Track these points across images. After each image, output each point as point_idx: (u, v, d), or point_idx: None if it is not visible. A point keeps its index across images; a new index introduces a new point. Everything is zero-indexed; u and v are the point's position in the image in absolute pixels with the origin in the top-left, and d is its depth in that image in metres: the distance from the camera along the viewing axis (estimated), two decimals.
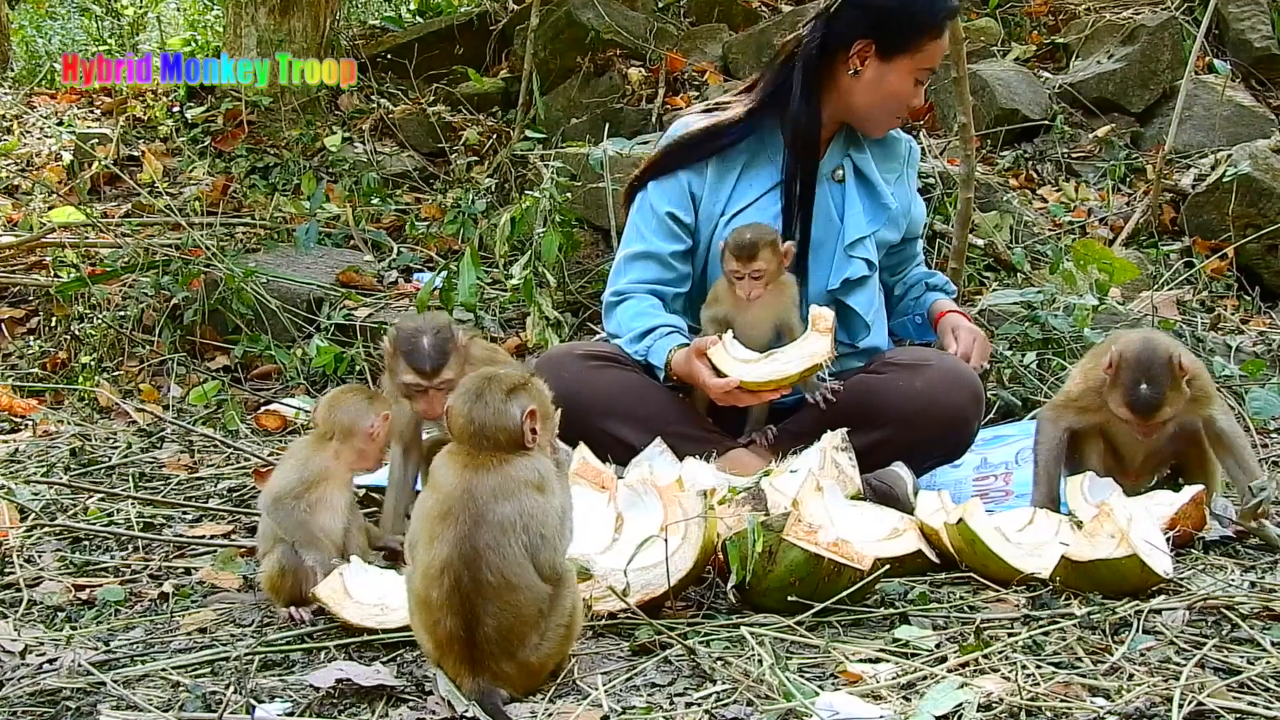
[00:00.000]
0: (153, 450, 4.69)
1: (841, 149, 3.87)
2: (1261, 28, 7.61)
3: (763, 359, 3.51)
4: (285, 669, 2.59)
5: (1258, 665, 2.40)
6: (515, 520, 2.31)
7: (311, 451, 3.07)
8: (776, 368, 3.47)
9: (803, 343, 3.51)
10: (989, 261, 5.78)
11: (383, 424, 3.10)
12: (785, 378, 3.45)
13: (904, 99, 3.77)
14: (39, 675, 2.55)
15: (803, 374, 3.46)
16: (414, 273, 6.27)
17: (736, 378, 3.45)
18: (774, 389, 3.48)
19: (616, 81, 7.48)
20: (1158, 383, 3.32)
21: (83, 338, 5.75)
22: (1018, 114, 7.04)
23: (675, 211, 3.80)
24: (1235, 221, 6.23)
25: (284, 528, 2.95)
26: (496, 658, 2.29)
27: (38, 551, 3.52)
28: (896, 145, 3.97)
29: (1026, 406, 4.58)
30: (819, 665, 2.48)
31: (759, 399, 3.55)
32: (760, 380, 3.45)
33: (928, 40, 3.70)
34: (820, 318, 3.51)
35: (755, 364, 3.49)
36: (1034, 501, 3.50)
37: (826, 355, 3.44)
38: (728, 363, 3.49)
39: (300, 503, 2.96)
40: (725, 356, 3.50)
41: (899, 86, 3.74)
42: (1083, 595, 2.80)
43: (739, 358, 3.50)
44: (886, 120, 3.84)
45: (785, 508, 2.95)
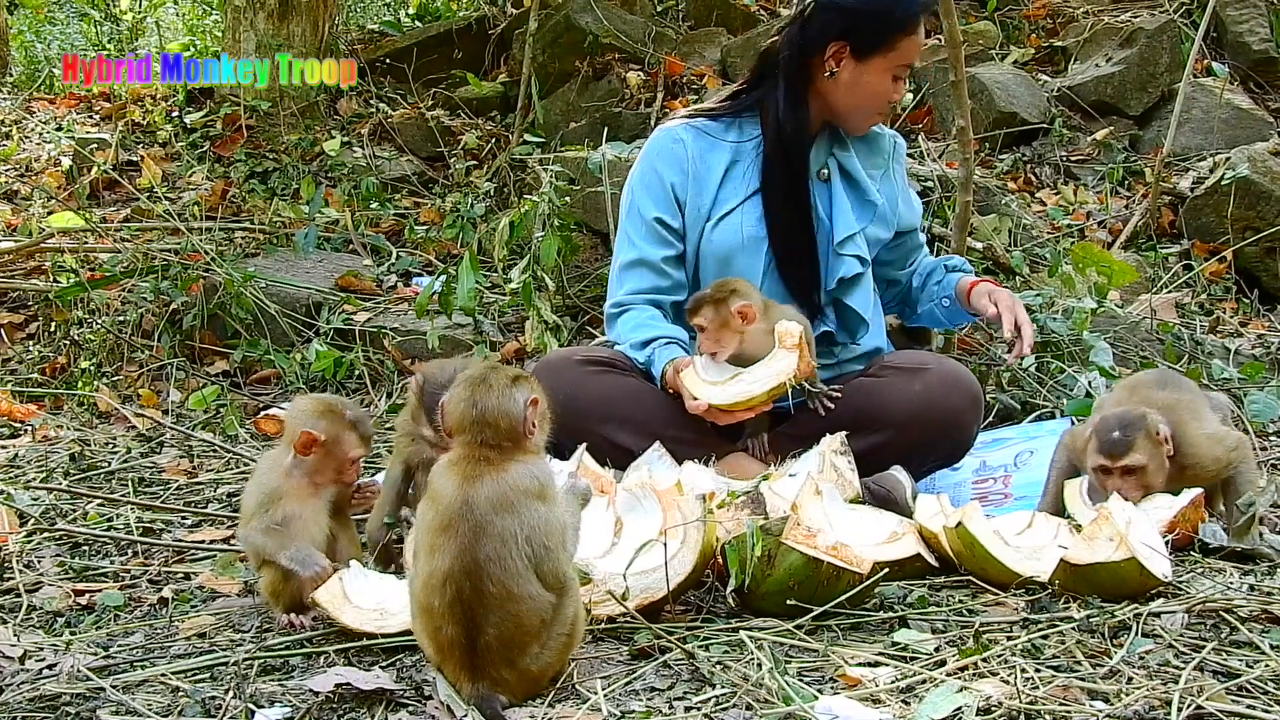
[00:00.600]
0: (152, 455, 4.70)
1: (826, 148, 3.88)
2: (1260, 30, 7.62)
3: (729, 380, 3.51)
4: (285, 674, 2.58)
5: (1256, 668, 2.40)
6: (517, 532, 2.31)
7: (271, 465, 3.01)
8: (743, 389, 3.47)
9: (770, 361, 3.49)
10: (988, 265, 5.78)
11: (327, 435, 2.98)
12: (752, 399, 3.45)
13: (883, 97, 3.79)
14: (38, 680, 2.55)
15: (769, 393, 3.45)
16: (413, 277, 6.28)
17: (705, 401, 3.46)
18: (746, 408, 3.49)
19: (615, 86, 7.49)
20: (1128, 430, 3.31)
21: (82, 343, 5.75)
22: (1016, 117, 7.05)
23: (662, 216, 3.80)
24: (1234, 224, 6.23)
25: (251, 550, 2.93)
26: (497, 665, 2.29)
27: (37, 556, 3.53)
28: (880, 140, 3.96)
29: (1025, 410, 4.57)
30: (818, 669, 2.48)
31: (734, 418, 3.54)
32: (728, 403, 3.46)
33: (901, 38, 3.71)
34: (787, 334, 3.49)
35: (723, 385, 3.50)
36: (1039, 507, 3.51)
37: (793, 373, 3.43)
38: (697, 385, 3.50)
39: (266, 519, 2.90)
40: (695, 379, 3.52)
41: (876, 86, 3.75)
42: (1081, 599, 2.80)
43: (707, 380, 3.51)
44: (867, 119, 3.86)
45: (784, 512, 2.96)
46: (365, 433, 3.04)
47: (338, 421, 2.97)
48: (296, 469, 2.95)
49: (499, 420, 2.39)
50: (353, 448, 2.99)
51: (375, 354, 5.54)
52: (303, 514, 2.94)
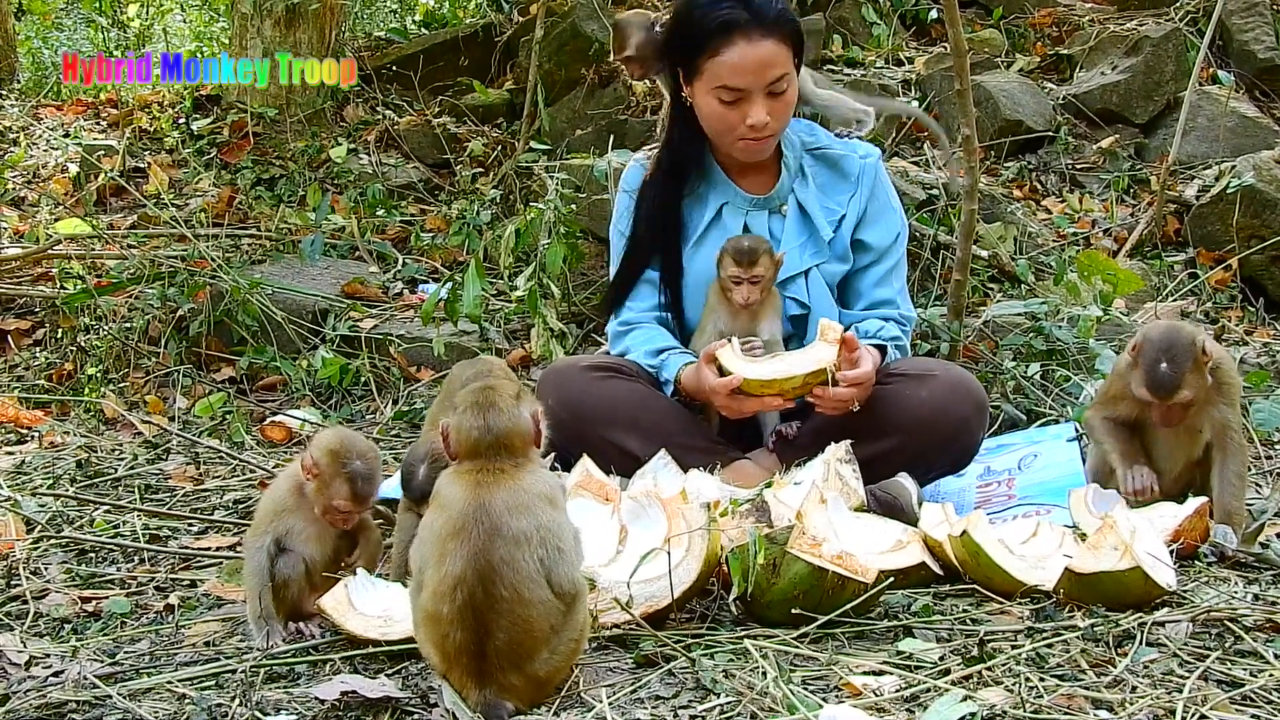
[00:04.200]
0: (158, 462, 4.71)
1: (789, 179, 3.86)
2: (1265, 39, 7.62)
3: (769, 358, 3.52)
4: (290, 681, 2.59)
5: (1261, 678, 2.40)
6: (532, 534, 2.30)
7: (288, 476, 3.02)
8: (782, 367, 3.47)
9: (811, 349, 3.51)
10: (993, 273, 5.79)
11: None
12: (789, 378, 3.44)
13: (726, 122, 3.68)
14: (45, 687, 2.56)
15: (807, 377, 3.44)
16: (419, 284, 6.29)
17: (739, 375, 3.45)
18: (776, 391, 3.48)
19: (621, 93, 7.50)
20: (1177, 363, 3.30)
21: (88, 349, 5.76)
22: (1022, 125, 7.06)
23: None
24: (1239, 233, 6.24)
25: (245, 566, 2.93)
26: (505, 670, 2.29)
27: (44, 563, 3.53)
28: (845, 163, 3.87)
29: (1031, 418, 4.57)
30: (822, 678, 2.48)
31: (761, 404, 3.53)
32: (764, 378, 3.45)
33: (706, 60, 3.62)
34: (830, 328, 3.50)
35: (761, 362, 3.50)
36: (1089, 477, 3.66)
37: (833, 364, 3.44)
38: (734, 361, 3.49)
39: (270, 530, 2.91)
40: (732, 355, 3.50)
41: (710, 110, 3.69)
42: (1086, 607, 2.79)
43: (745, 359, 3.51)
44: (730, 145, 3.75)
45: (789, 520, 2.96)
46: (360, 492, 2.93)
47: (335, 465, 2.92)
48: (307, 488, 2.96)
49: (513, 439, 2.41)
50: (339, 497, 2.92)
51: (381, 361, 5.56)
52: (306, 530, 2.94)
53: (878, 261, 3.88)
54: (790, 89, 3.66)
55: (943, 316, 4.92)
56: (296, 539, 2.93)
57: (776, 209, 3.84)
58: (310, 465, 2.92)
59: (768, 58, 3.59)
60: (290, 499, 2.96)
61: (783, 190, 3.84)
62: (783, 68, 3.61)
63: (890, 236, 3.89)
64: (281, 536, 2.92)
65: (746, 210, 3.83)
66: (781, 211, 3.84)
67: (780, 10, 3.63)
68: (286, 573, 2.88)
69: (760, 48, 3.58)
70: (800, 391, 3.49)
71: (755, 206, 3.84)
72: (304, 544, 2.93)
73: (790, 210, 3.83)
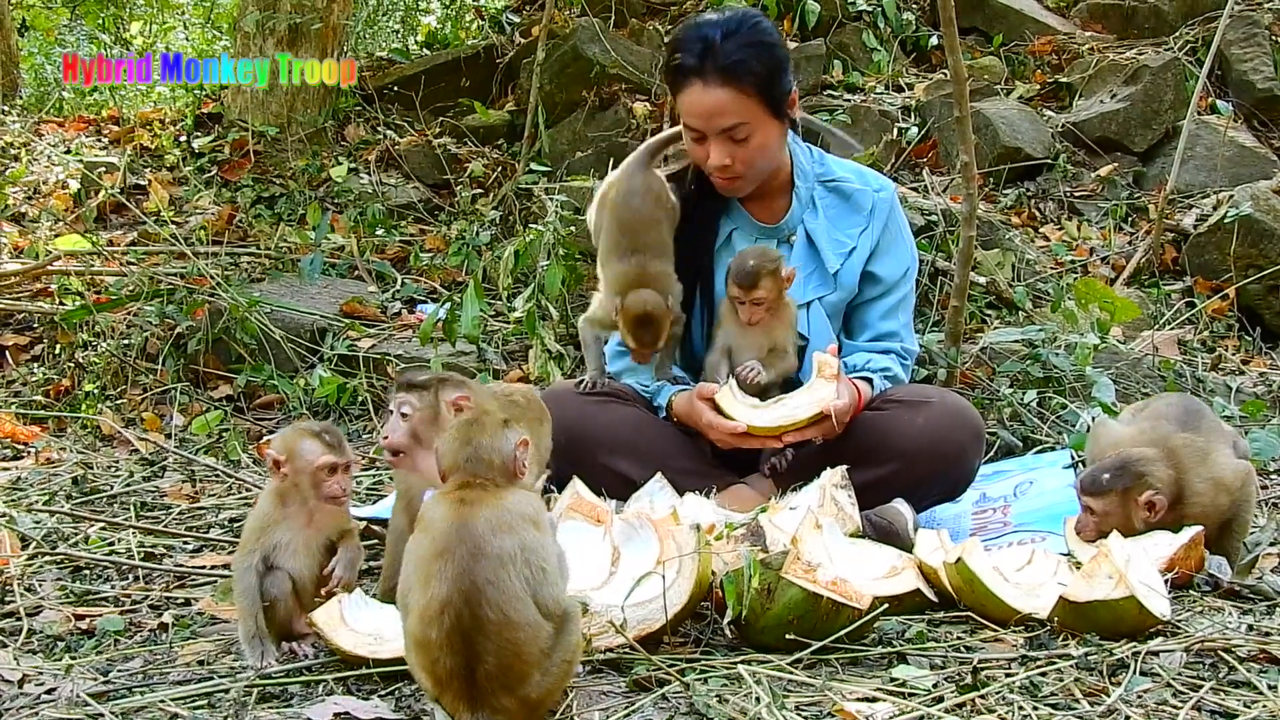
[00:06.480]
0: (154, 479, 4.71)
1: (800, 209, 3.87)
2: (1264, 69, 7.66)
3: (770, 404, 3.55)
4: (283, 702, 2.58)
5: (1254, 709, 2.40)
6: (515, 553, 2.29)
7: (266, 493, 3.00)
8: (785, 413, 3.50)
9: (810, 389, 3.54)
10: (990, 299, 5.80)
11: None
12: (794, 423, 3.48)
13: (697, 157, 3.74)
14: (38, 705, 2.55)
15: (811, 419, 3.48)
16: (417, 304, 6.29)
17: (744, 422, 3.48)
18: (779, 435, 3.50)
19: (621, 116, 7.52)
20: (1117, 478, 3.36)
21: (86, 365, 5.76)
22: (1020, 152, 7.07)
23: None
24: (1237, 262, 6.26)
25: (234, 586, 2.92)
26: (497, 694, 2.27)
27: (38, 580, 3.53)
28: (858, 196, 3.88)
29: (1027, 445, 4.58)
30: (816, 704, 2.48)
31: (762, 444, 3.58)
32: (769, 425, 3.48)
33: (675, 96, 3.72)
34: (825, 365, 3.53)
35: (763, 409, 3.53)
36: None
37: (833, 404, 3.47)
38: (735, 407, 3.52)
39: (257, 548, 2.90)
40: (732, 401, 3.53)
41: (686, 142, 3.75)
42: (1080, 636, 2.80)
43: (746, 403, 3.53)
44: (714, 181, 3.79)
45: (784, 545, 2.96)
46: (331, 440, 2.95)
47: (293, 435, 2.95)
48: (288, 497, 2.95)
49: (492, 457, 2.41)
50: (316, 454, 2.92)
51: (379, 380, 5.55)
52: (293, 543, 2.93)
53: (886, 294, 3.90)
54: (756, 136, 3.65)
55: (940, 342, 4.93)
56: (284, 553, 2.91)
57: (785, 238, 3.85)
58: (273, 460, 2.93)
59: (717, 106, 3.60)
60: (274, 511, 2.94)
61: (793, 220, 3.86)
62: (737, 116, 3.60)
63: (900, 270, 3.91)
64: (269, 553, 2.90)
65: (755, 237, 3.86)
66: (790, 241, 3.85)
67: (736, 61, 3.58)
68: (274, 592, 2.87)
69: (711, 94, 3.60)
70: (802, 436, 3.54)
71: (764, 235, 3.86)
72: (291, 557, 2.92)
73: (798, 240, 3.86)
